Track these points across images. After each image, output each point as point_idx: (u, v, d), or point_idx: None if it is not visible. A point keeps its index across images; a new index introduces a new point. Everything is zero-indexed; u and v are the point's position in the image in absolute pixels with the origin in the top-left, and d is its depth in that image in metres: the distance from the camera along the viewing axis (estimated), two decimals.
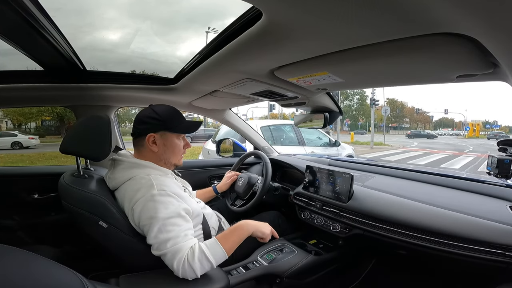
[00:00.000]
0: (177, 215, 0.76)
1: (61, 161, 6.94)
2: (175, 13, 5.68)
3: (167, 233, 0.72)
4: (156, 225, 0.72)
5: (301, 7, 0.44)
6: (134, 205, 0.76)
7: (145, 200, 0.75)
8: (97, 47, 1.88)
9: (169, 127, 0.86)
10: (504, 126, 56.59)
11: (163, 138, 0.86)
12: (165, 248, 0.72)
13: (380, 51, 0.58)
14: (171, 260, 0.71)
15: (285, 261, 1.03)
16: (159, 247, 0.72)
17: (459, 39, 0.48)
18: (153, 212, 0.73)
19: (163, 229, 0.72)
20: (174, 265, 0.71)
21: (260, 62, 0.76)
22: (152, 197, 0.75)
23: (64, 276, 0.39)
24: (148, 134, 0.84)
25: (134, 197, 0.77)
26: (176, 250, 0.72)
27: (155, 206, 0.74)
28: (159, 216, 0.73)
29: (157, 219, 0.73)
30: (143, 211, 0.74)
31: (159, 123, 0.84)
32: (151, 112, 0.85)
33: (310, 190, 1.21)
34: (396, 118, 54.19)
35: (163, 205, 0.75)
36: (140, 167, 0.83)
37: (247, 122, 1.89)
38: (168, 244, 0.72)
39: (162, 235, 0.72)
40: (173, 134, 0.88)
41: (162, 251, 0.72)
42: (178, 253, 0.71)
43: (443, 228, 0.80)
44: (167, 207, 0.75)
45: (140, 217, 0.75)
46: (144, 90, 1.22)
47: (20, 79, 1.04)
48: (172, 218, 0.74)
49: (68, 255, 1.22)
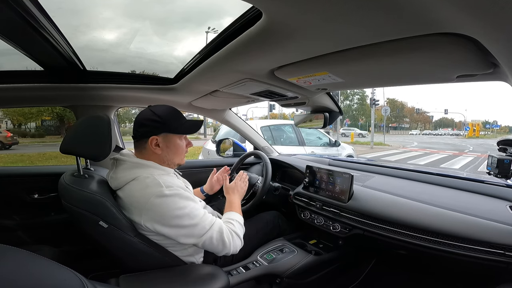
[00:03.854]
0: (193, 201, 0.80)
1: (61, 161, 6.94)
2: (170, 12, 5.67)
3: (198, 217, 0.77)
4: (184, 215, 0.75)
5: (301, 7, 0.44)
6: (146, 206, 0.75)
7: (157, 198, 0.74)
8: (97, 47, 1.88)
9: (171, 129, 0.85)
10: (504, 126, 56.62)
11: (166, 140, 0.85)
12: (205, 230, 0.76)
13: (380, 51, 0.58)
14: (221, 238, 0.78)
15: (285, 261, 1.03)
16: (200, 232, 0.76)
17: (459, 39, 0.48)
18: (174, 205, 0.75)
19: (192, 215, 0.76)
20: (226, 241, 0.78)
21: (260, 62, 0.76)
22: (163, 193, 0.75)
23: (64, 276, 0.39)
24: (151, 137, 0.83)
25: (142, 197, 0.76)
26: (219, 226, 0.79)
27: (172, 199, 0.75)
28: (181, 206, 0.75)
29: (181, 208, 0.75)
30: (162, 208, 0.74)
31: (160, 125, 0.83)
32: (151, 114, 0.83)
33: (310, 190, 1.21)
34: (396, 118, 54.21)
35: (178, 196, 0.76)
36: (142, 167, 0.83)
37: (247, 122, 1.89)
38: (206, 225, 0.77)
39: (194, 220, 0.76)
40: (175, 135, 0.87)
41: (205, 235, 0.76)
42: (222, 228, 0.79)
43: (443, 228, 0.80)
44: (182, 197, 0.77)
45: (162, 216, 0.74)
46: (144, 90, 1.22)
47: (20, 79, 1.04)
48: (192, 204, 0.78)
49: (68, 255, 1.21)
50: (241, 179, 1.12)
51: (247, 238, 1.07)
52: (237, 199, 1.02)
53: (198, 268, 0.83)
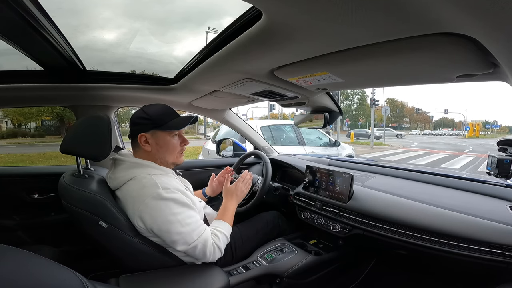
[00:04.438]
0: (189, 207, 0.80)
1: (61, 161, 6.93)
2: (170, 12, 5.67)
3: (188, 226, 0.77)
4: (175, 221, 0.75)
5: (301, 7, 0.44)
6: (141, 206, 0.75)
7: (152, 200, 0.75)
8: (97, 47, 1.88)
9: (158, 125, 0.85)
10: (504, 126, 56.63)
11: (155, 137, 0.86)
12: (192, 240, 0.76)
13: (380, 51, 0.58)
14: (203, 249, 0.77)
15: (285, 261, 1.03)
16: (186, 241, 0.76)
17: (459, 39, 0.48)
18: (167, 209, 0.75)
19: (183, 223, 0.76)
20: (208, 253, 0.78)
21: (260, 62, 0.76)
22: (159, 195, 0.75)
23: (64, 276, 0.39)
24: (139, 134, 0.85)
25: (138, 197, 0.76)
26: (205, 238, 0.78)
27: (166, 204, 0.75)
28: (174, 211, 0.75)
29: (174, 214, 0.75)
30: (155, 211, 0.74)
31: (148, 122, 0.84)
32: (141, 113, 0.86)
33: (310, 190, 1.21)
34: (396, 118, 54.17)
35: (173, 201, 0.76)
36: (141, 166, 0.83)
37: (247, 122, 1.89)
38: (194, 235, 0.76)
39: (184, 228, 0.76)
40: (164, 132, 0.87)
41: (191, 244, 0.76)
42: (208, 241, 0.79)
43: (443, 228, 0.80)
44: (177, 202, 0.77)
45: (155, 218, 0.75)
46: (144, 90, 1.22)
47: (20, 79, 1.04)
48: (186, 212, 0.78)
49: (68, 255, 1.21)
50: (243, 181, 1.08)
51: (247, 238, 1.08)
52: (233, 205, 1.00)
53: (198, 268, 0.83)
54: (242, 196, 1.05)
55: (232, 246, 1.01)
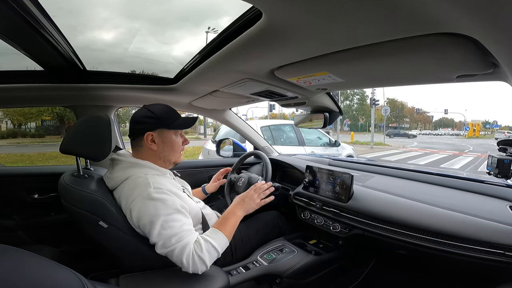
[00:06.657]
0: (176, 211, 0.77)
1: (61, 161, 6.93)
2: (167, 12, 5.64)
3: (170, 229, 0.73)
4: (157, 222, 0.73)
5: (301, 7, 0.44)
6: (131, 204, 0.76)
7: (142, 199, 0.75)
8: (97, 47, 1.87)
9: (166, 124, 0.86)
10: (504, 126, 56.58)
11: (161, 136, 0.87)
12: (170, 244, 0.72)
13: (380, 51, 0.58)
14: (180, 256, 0.72)
15: (285, 261, 1.03)
16: (165, 244, 0.73)
17: (459, 39, 0.48)
18: (153, 210, 0.74)
19: (165, 226, 0.73)
20: (184, 261, 0.72)
21: (260, 62, 0.76)
22: (148, 195, 0.75)
23: (64, 276, 0.39)
24: (146, 133, 0.85)
25: (130, 196, 0.77)
26: (183, 245, 0.72)
27: (154, 204, 0.74)
28: (159, 213, 0.73)
29: (158, 216, 0.73)
30: (142, 210, 0.74)
31: (156, 121, 0.85)
32: (146, 112, 0.86)
33: (310, 190, 1.21)
34: (396, 118, 54.17)
35: (161, 202, 0.75)
36: (138, 166, 0.84)
37: (247, 122, 1.89)
38: (173, 240, 0.72)
39: (165, 231, 0.73)
40: (170, 131, 0.88)
41: (168, 248, 0.72)
42: (186, 248, 0.72)
43: (443, 228, 0.80)
44: (165, 204, 0.75)
45: (140, 216, 0.75)
46: (144, 90, 1.22)
47: (20, 79, 1.04)
48: (172, 214, 0.75)
49: (68, 255, 1.22)
50: (256, 190, 0.97)
51: (247, 238, 1.08)
52: (237, 213, 0.90)
53: None
54: (251, 207, 0.94)
55: (232, 246, 1.01)
